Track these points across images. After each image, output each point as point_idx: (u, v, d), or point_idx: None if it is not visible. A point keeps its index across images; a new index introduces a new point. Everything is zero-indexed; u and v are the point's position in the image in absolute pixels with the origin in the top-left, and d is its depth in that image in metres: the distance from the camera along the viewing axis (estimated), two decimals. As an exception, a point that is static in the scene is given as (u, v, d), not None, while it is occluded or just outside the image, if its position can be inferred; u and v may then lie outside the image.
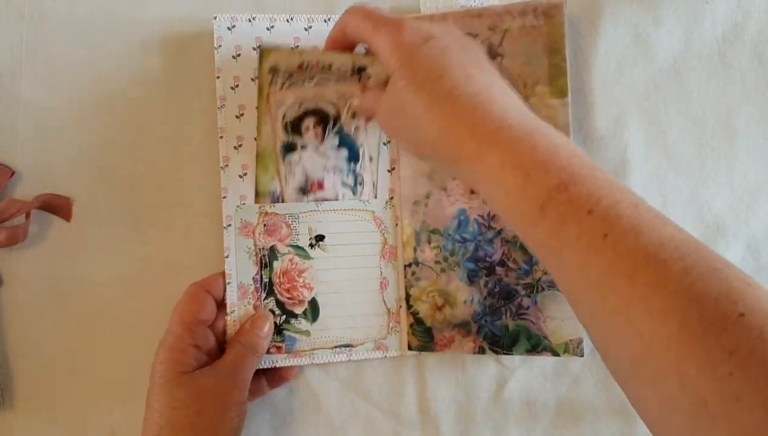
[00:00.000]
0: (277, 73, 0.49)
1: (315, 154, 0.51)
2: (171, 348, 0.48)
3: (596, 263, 0.33)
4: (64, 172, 0.53)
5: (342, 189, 0.52)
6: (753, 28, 0.53)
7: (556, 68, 0.50)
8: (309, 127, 0.50)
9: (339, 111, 0.50)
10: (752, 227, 0.52)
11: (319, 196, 0.51)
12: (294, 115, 0.49)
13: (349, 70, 0.48)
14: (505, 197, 0.37)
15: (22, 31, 0.53)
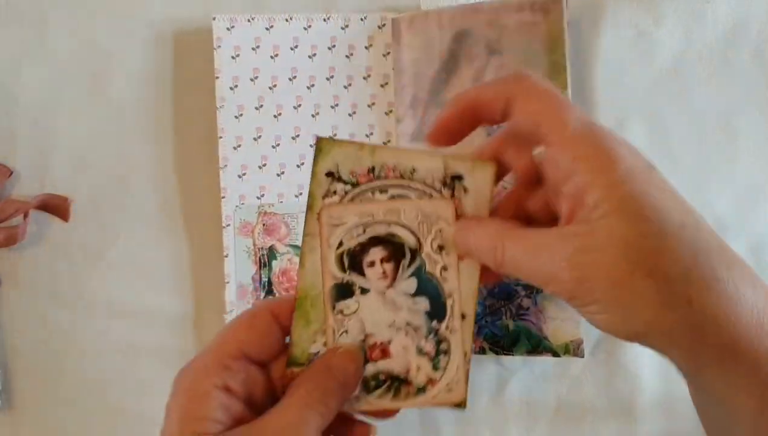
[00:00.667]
0: (336, 178, 0.36)
1: (380, 303, 0.37)
2: (189, 390, 0.34)
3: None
4: (63, 172, 0.53)
5: (417, 359, 0.37)
6: (754, 27, 0.53)
7: (555, 65, 0.50)
8: (375, 263, 0.37)
9: (420, 241, 0.37)
10: (754, 226, 0.52)
11: (381, 367, 0.37)
12: (355, 243, 0.37)
13: (440, 179, 0.36)
14: (743, 417, 0.30)
15: (21, 31, 0.54)
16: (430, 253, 0.37)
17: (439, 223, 0.36)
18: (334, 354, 0.36)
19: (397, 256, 0.36)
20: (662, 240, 0.29)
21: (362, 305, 0.37)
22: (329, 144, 0.36)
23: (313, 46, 0.53)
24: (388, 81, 0.53)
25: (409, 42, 0.52)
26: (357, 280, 0.36)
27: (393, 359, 0.37)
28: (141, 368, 0.53)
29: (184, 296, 0.53)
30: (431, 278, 0.37)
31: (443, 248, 0.37)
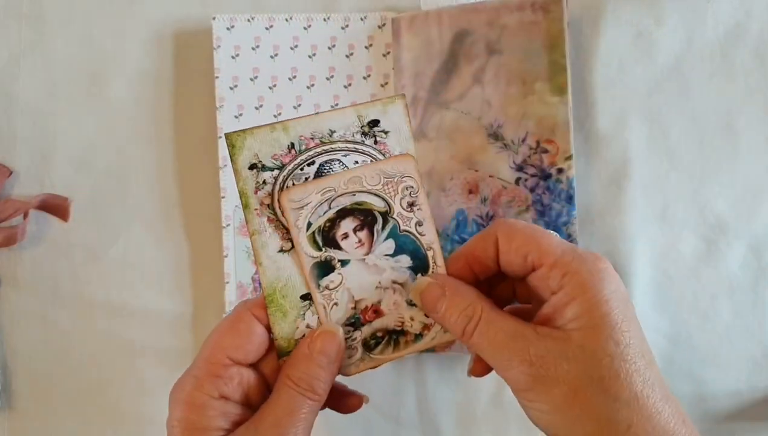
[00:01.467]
0: (260, 168, 0.36)
1: (363, 269, 0.37)
2: (186, 403, 0.35)
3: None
4: (63, 172, 0.53)
5: (408, 311, 0.38)
6: (755, 27, 0.53)
7: (555, 65, 0.50)
8: (349, 234, 0.37)
9: (389, 203, 0.37)
10: (754, 226, 0.52)
11: (377, 325, 0.38)
12: (324, 221, 0.36)
13: (358, 130, 0.36)
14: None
15: (20, 31, 0.54)
16: (402, 212, 0.37)
17: (405, 180, 0.37)
18: (312, 338, 0.36)
19: (368, 222, 0.37)
20: (622, 365, 0.32)
21: (346, 276, 0.37)
22: (240, 136, 0.35)
23: (313, 46, 0.53)
24: (388, 81, 0.53)
25: (409, 42, 0.52)
26: (335, 254, 0.37)
27: (387, 316, 0.38)
28: (141, 367, 0.53)
29: (184, 296, 0.53)
30: (408, 235, 0.37)
31: (413, 204, 0.37)
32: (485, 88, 0.51)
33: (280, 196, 0.36)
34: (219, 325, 0.37)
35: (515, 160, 0.50)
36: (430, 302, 0.36)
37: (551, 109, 0.50)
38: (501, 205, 0.51)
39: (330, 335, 0.36)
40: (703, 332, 0.52)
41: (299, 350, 0.36)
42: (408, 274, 0.38)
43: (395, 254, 0.37)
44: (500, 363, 0.34)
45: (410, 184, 0.37)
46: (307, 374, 0.35)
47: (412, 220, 0.37)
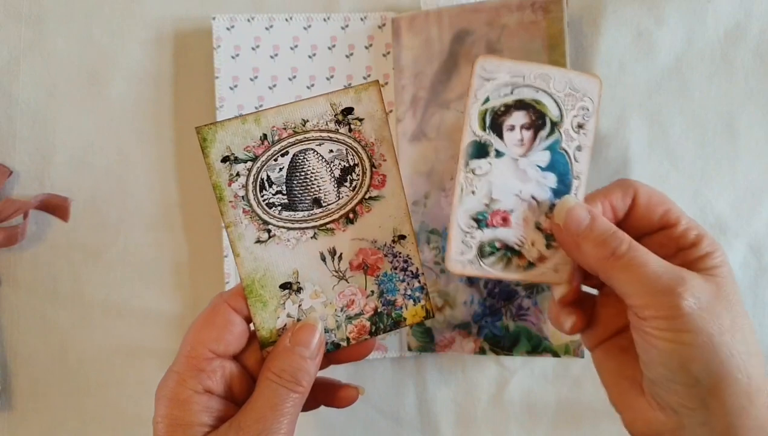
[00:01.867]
0: (233, 160, 0.36)
1: (512, 170, 0.36)
2: (170, 400, 0.35)
3: None
4: (63, 172, 0.53)
5: (533, 233, 0.37)
6: (755, 27, 0.53)
7: (555, 65, 0.49)
8: (515, 128, 0.36)
9: (563, 114, 0.36)
10: (755, 226, 0.52)
11: (500, 233, 0.36)
12: (500, 103, 0.36)
13: (331, 119, 0.36)
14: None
15: (20, 31, 0.53)
16: (569, 129, 0.36)
17: (585, 100, 0.36)
18: (293, 331, 0.36)
19: (538, 125, 0.36)
20: (746, 320, 0.34)
21: (494, 168, 0.36)
22: (211, 130, 0.35)
23: (313, 46, 0.53)
24: (388, 81, 0.53)
25: (409, 42, 0.52)
26: (495, 141, 0.36)
27: (512, 229, 0.37)
28: (140, 367, 0.53)
29: (184, 296, 0.53)
30: (564, 155, 0.36)
31: (582, 126, 0.36)
32: (485, 88, 0.51)
33: (475, 60, 0.35)
34: (196, 319, 0.37)
35: None
36: (575, 222, 0.35)
37: (551, 109, 0.50)
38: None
39: (310, 328, 0.37)
40: (704, 332, 0.52)
41: (280, 343, 0.36)
42: (549, 194, 0.37)
43: (546, 169, 0.37)
44: (647, 288, 0.33)
45: (587, 106, 0.36)
46: (290, 366, 0.35)
47: (575, 142, 0.36)
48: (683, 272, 0.33)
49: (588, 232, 0.35)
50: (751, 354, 0.33)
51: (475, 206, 0.36)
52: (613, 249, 0.34)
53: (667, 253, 0.36)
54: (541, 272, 0.37)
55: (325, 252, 0.37)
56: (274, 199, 0.36)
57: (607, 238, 0.35)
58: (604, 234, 0.35)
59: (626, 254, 0.34)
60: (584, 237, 0.35)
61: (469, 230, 0.36)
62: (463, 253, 0.36)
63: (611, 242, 0.34)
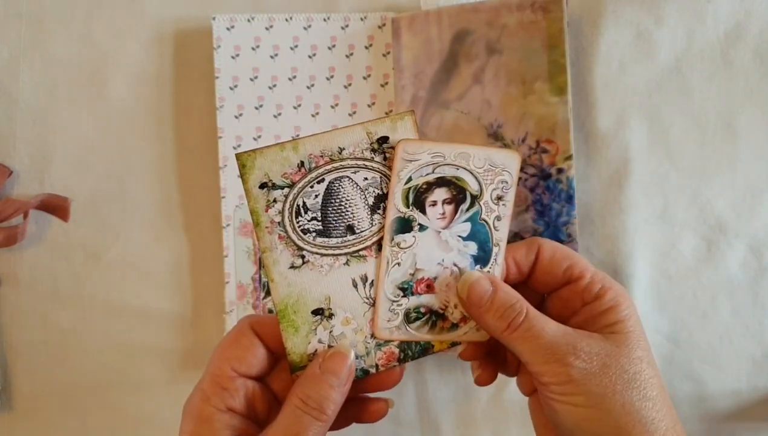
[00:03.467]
0: (271, 186, 0.36)
1: (435, 242, 0.38)
2: (194, 416, 0.36)
3: None
4: (63, 172, 0.53)
5: (455, 298, 0.39)
6: (755, 27, 0.53)
7: (555, 65, 0.49)
8: (437, 203, 0.38)
9: (483, 188, 0.38)
10: (754, 227, 0.52)
11: (424, 301, 0.38)
12: (423, 181, 0.37)
13: (367, 147, 0.36)
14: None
15: (20, 30, 0.54)
16: (489, 201, 0.38)
17: (504, 174, 0.38)
18: (324, 358, 0.36)
19: (458, 199, 0.38)
20: (648, 368, 0.36)
21: (418, 241, 0.38)
22: (251, 157, 0.35)
23: (313, 46, 0.53)
24: (388, 81, 0.53)
25: (409, 42, 0.52)
26: (418, 217, 0.37)
27: (436, 294, 0.38)
28: (141, 367, 0.53)
29: (184, 296, 0.53)
30: (484, 225, 0.38)
31: (501, 198, 0.38)
32: (485, 88, 0.51)
33: (397, 143, 0.36)
34: (223, 339, 0.38)
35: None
36: (477, 296, 0.37)
37: (551, 109, 0.50)
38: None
39: (341, 356, 0.36)
40: (703, 332, 0.52)
41: (310, 369, 0.36)
42: (470, 261, 0.39)
43: (467, 239, 0.38)
44: (540, 358, 0.35)
45: (506, 180, 0.38)
46: (318, 393, 0.35)
47: (494, 213, 0.38)
48: (577, 337, 0.35)
49: (489, 304, 0.37)
50: (655, 408, 0.34)
51: (400, 277, 0.38)
52: (510, 322, 0.36)
53: (573, 307, 0.39)
54: (464, 331, 0.39)
55: (357, 278, 0.38)
56: (308, 225, 0.37)
57: (506, 310, 0.36)
58: (503, 306, 0.36)
59: (522, 325, 0.36)
60: (486, 309, 0.37)
61: (396, 299, 0.38)
62: (389, 320, 0.38)
63: (509, 314, 0.36)
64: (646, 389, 0.35)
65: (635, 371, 0.35)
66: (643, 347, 0.36)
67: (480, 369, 0.41)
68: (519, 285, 0.39)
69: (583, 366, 0.34)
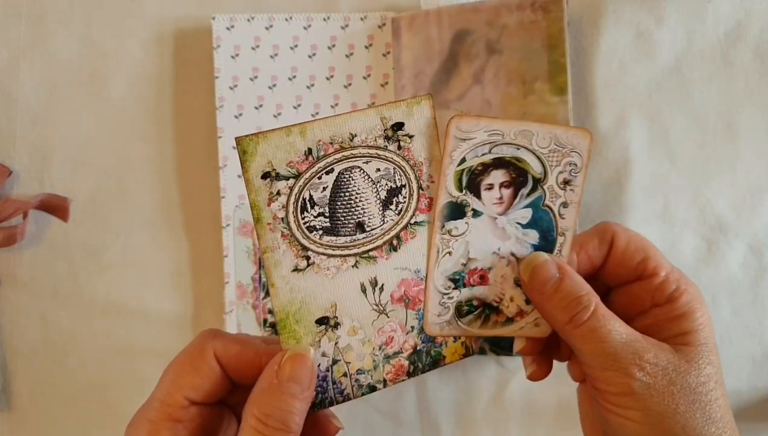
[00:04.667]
0: (274, 177, 0.32)
1: (490, 229, 0.34)
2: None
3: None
4: (62, 172, 0.53)
5: (512, 290, 0.35)
6: (755, 27, 0.53)
7: (555, 65, 0.49)
8: (494, 187, 0.34)
9: (547, 171, 0.34)
10: (755, 227, 0.52)
11: (477, 293, 0.35)
12: (478, 163, 0.33)
13: (380, 134, 0.33)
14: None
15: (20, 30, 0.53)
16: (554, 186, 0.34)
17: (572, 155, 0.34)
18: (279, 364, 0.31)
19: (518, 183, 0.34)
20: (717, 387, 0.32)
21: (471, 228, 0.34)
22: (253, 141, 0.31)
23: (313, 46, 0.53)
24: (388, 80, 0.53)
25: (408, 41, 0.52)
26: (472, 201, 0.34)
27: (490, 287, 0.35)
28: (140, 367, 0.53)
29: (184, 296, 0.53)
30: (548, 212, 0.34)
31: (569, 183, 0.34)
32: (485, 87, 0.51)
33: (449, 120, 0.32)
34: (177, 357, 0.33)
35: None
36: (540, 280, 0.34)
37: (551, 109, 0.50)
38: (501, 205, 0.50)
39: (300, 358, 0.32)
40: (704, 332, 0.52)
41: (265, 380, 0.31)
42: (530, 251, 0.35)
43: (527, 227, 0.35)
44: (601, 363, 0.32)
45: (574, 162, 0.34)
46: (278, 408, 0.30)
47: (560, 198, 0.34)
48: (644, 346, 0.32)
49: (553, 291, 0.33)
50: (718, 432, 0.31)
51: (451, 267, 0.35)
52: (573, 316, 0.33)
53: (641, 306, 0.35)
54: (520, 326, 0.36)
55: (366, 283, 0.34)
56: (315, 221, 0.33)
57: (571, 301, 0.33)
58: (569, 296, 0.33)
59: (586, 323, 0.32)
60: (548, 297, 0.34)
61: (447, 291, 0.35)
62: (440, 314, 0.35)
63: (575, 307, 0.33)
64: (712, 410, 0.32)
65: (702, 390, 0.32)
66: (714, 363, 0.33)
67: (534, 364, 0.38)
68: (586, 276, 0.36)
69: (646, 380, 0.31)
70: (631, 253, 0.35)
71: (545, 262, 0.34)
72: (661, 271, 0.35)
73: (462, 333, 0.36)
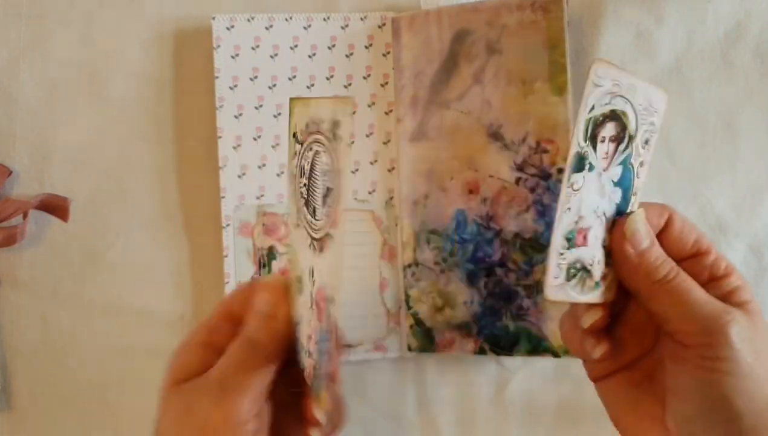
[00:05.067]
0: (296, 140, 0.33)
1: (596, 186, 0.33)
2: (181, 345, 0.38)
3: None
4: (62, 172, 0.53)
5: (599, 251, 0.34)
6: (755, 26, 0.53)
7: (555, 65, 0.49)
8: (605, 140, 0.33)
9: (639, 127, 0.33)
10: (755, 227, 0.52)
11: (580, 253, 0.34)
12: (599, 112, 0.32)
13: (330, 127, 0.32)
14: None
15: (19, 30, 0.53)
16: (639, 144, 0.34)
17: (653, 116, 0.34)
18: (256, 302, 0.35)
19: (620, 137, 0.33)
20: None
21: (585, 183, 0.32)
22: (294, 103, 0.33)
23: (313, 46, 0.53)
24: (388, 80, 0.53)
25: (409, 41, 0.52)
26: (590, 153, 0.32)
27: (588, 247, 0.34)
28: (140, 368, 0.53)
29: (184, 296, 0.53)
30: (630, 170, 0.34)
31: (648, 142, 0.34)
32: (485, 87, 0.51)
33: (591, 64, 0.31)
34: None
35: (515, 160, 0.50)
36: (639, 240, 0.34)
37: (551, 109, 0.49)
38: (501, 205, 0.50)
39: (276, 286, 0.35)
40: (704, 332, 0.52)
41: (257, 299, 0.35)
42: (614, 210, 0.34)
43: (616, 184, 0.34)
44: (693, 315, 0.33)
45: (655, 121, 0.34)
46: (264, 323, 0.35)
47: (641, 157, 0.34)
48: (726, 305, 0.33)
49: (647, 251, 0.34)
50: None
51: (568, 225, 0.33)
52: (665, 273, 0.34)
53: (699, 281, 0.35)
54: (602, 291, 0.35)
55: (309, 270, 0.34)
56: (302, 190, 0.34)
57: (662, 261, 0.34)
58: (661, 257, 0.35)
59: (675, 279, 0.34)
60: (641, 255, 0.34)
61: (563, 251, 0.33)
62: (557, 277, 0.34)
63: (665, 267, 0.34)
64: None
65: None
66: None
67: (605, 342, 0.37)
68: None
69: (739, 332, 0.32)
70: (688, 230, 0.36)
71: (645, 225, 0.35)
72: (713, 248, 0.36)
73: (570, 300, 0.34)
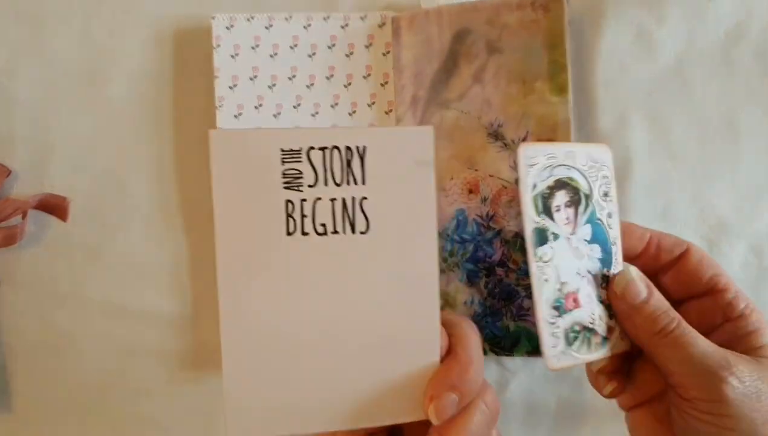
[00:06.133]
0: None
1: (569, 250, 0.35)
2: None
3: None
4: (62, 172, 0.53)
5: (598, 307, 0.36)
6: (757, 26, 0.52)
7: (555, 64, 0.49)
8: (560, 208, 0.35)
9: (591, 186, 0.36)
10: (756, 227, 0.52)
11: (576, 316, 0.35)
12: (544, 186, 0.34)
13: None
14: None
15: (20, 31, 0.53)
16: (599, 199, 0.36)
17: (603, 169, 0.36)
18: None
19: (575, 201, 0.35)
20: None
21: (555, 252, 0.35)
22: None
23: (313, 45, 0.53)
24: (388, 80, 0.53)
25: (409, 41, 0.52)
26: (549, 225, 0.34)
27: (582, 308, 0.35)
28: (140, 368, 0.53)
29: (184, 296, 0.53)
30: (600, 225, 0.36)
31: (607, 194, 0.36)
32: (485, 87, 0.51)
33: (518, 148, 0.34)
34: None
35: (516, 160, 0.50)
36: (632, 295, 0.35)
37: (552, 109, 0.49)
38: (501, 205, 0.50)
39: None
40: (705, 333, 0.52)
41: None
42: (599, 266, 0.36)
43: (590, 242, 0.36)
44: (691, 369, 0.33)
45: (606, 174, 0.37)
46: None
47: (605, 210, 0.36)
48: (729, 354, 0.33)
49: (643, 305, 0.35)
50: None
51: (552, 295, 0.35)
52: (664, 326, 0.34)
53: (712, 322, 0.36)
54: (613, 344, 0.37)
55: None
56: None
57: (661, 314, 0.35)
58: (658, 310, 0.35)
59: (674, 332, 0.34)
60: (638, 310, 0.35)
61: (553, 320, 0.35)
62: (555, 346, 0.35)
63: (663, 319, 0.35)
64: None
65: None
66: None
67: (614, 381, 0.38)
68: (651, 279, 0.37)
69: (738, 386, 0.32)
70: (705, 266, 0.37)
71: (637, 278, 0.36)
72: (732, 287, 0.36)
73: (577, 362, 0.36)
